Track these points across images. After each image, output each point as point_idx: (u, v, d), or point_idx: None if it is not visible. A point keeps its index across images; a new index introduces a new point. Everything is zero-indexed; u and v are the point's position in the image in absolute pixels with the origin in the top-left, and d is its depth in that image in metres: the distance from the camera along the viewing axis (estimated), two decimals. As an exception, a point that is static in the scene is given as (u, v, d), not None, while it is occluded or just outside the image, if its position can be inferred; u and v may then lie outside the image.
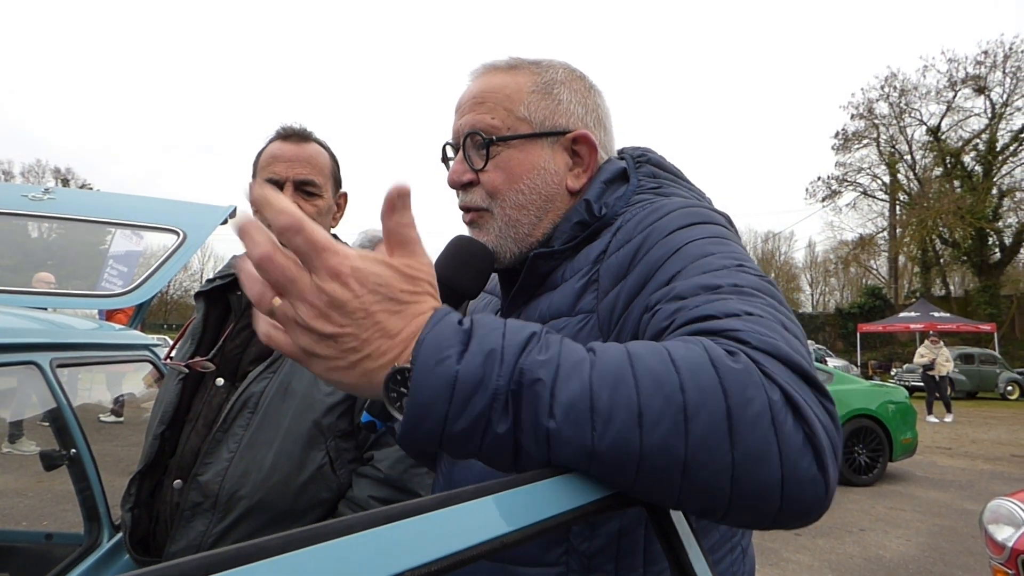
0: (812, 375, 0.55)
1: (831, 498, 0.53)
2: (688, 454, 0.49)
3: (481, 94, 0.93)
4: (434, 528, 0.38)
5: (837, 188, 33.59)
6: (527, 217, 0.92)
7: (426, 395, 0.50)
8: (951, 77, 29.44)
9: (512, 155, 0.91)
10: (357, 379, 0.53)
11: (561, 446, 0.50)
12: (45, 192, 2.73)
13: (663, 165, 1.00)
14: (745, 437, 0.49)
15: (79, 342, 1.73)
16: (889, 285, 33.54)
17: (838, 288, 43.91)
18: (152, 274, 2.55)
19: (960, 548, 5.22)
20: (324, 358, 0.52)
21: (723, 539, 0.84)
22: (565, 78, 0.96)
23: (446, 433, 0.50)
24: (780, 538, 5.48)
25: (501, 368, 0.51)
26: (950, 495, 7.06)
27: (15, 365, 1.47)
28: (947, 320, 22.38)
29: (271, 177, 1.47)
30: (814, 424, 0.51)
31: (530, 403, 0.50)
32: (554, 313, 0.86)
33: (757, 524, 0.54)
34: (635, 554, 0.76)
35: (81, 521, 1.82)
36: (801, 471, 0.50)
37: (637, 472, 0.50)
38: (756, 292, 0.65)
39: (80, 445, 1.68)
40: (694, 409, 0.49)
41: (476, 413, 0.50)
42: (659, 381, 0.51)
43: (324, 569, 0.32)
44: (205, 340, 1.53)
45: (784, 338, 0.57)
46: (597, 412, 0.50)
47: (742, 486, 0.49)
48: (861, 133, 32.59)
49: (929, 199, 29.51)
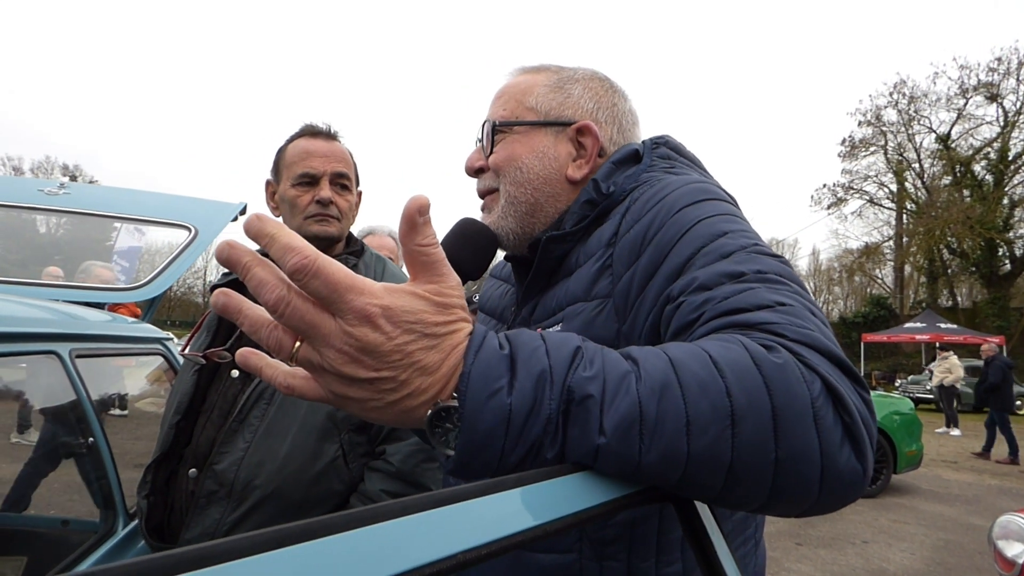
0: (848, 364, 0.56)
1: (866, 485, 0.54)
2: (734, 457, 0.49)
3: (503, 90, 1.01)
4: (467, 518, 0.38)
5: (843, 196, 33.44)
6: (525, 195, 0.95)
7: (481, 432, 0.48)
8: (963, 84, 29.21)
9: (516, 139, 0.97)
10: (395, 416, 0.50)
11: (607, 460, 0.49)
12: (60, 187, 2.77)
13: (680, 150, 1.01)
14: (789, 435, 0.49)
15: (96, 333, 1.76)
16: (894, 295, 33.36)
17: (842, 297, 43.76)
18: (164, 269, 2.58)
19: (967, 564, 5.18)
20: (359, 400, 0.49)
21: (736, 531, 0.85)
22: (583, 78, 1.00)
23: (501, 464, 0.50)
24: (781, 548, 5.46)
25: (551, 391, 0.50)
26: (956, 509, 7.01)
27: (36, 354, 1.50)
28: (954, 332, 22.22)
29: (308, 171, 1.51)
30: (853, 414, 0.52)
31: (580, 421, 0.49)
32: (570, 299, 0.87)
33: (790, 513, 0.55)
34: (647, 544, 0.77)
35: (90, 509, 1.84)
36: (840, 463, 0.51)
37: (681, 477, 0.50)
38: (780, 279, 0.66)
39: (97, 434, 1.70)
40: (741, 414, 0.49)
41: (531, 442, 0.49)
42: (705, 387, 0.50)
43: (347, 556, 0.32)
44: (221, 332, 1.55)
45: (818, 328, 0.58)
46: (646, 425, 0.49)
47: (782, 481, 0.50)
48: (868, 140, 32.43)
49: (937, 208, 29.30)
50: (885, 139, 32.11)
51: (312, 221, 1.52)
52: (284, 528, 0.30)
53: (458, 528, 0.37)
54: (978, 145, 29.71)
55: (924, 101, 30.61)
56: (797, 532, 5.90)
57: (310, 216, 1.52)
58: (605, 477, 0.50)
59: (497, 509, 0.40)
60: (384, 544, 0.33)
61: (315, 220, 1.52)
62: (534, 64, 1.03)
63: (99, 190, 3.66)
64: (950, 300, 31.81)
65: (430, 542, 0.35)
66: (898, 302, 32.55)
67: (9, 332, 1.37)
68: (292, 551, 0.30)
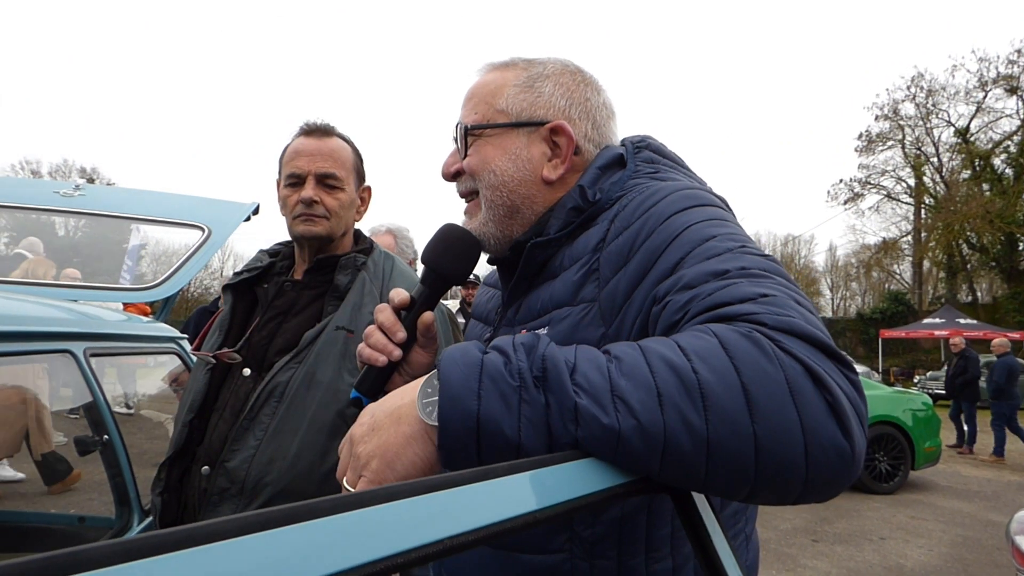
0: (832, 348, 0.56)
1: (858, 466, 0.53)
2: (710, 431, 0.50)
3: (472, 91, 0.99)
4: (459, 503, 0.39)
5: (860, 191, 33.06)
6: (501, 199, 0.95)
7: (457, 377, 0.55)
8: (981, 77, 28.76)
9: (488, 142, 0.96)
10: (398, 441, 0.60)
11: (589, 425, 0.52)
12: (76, 189, 2.81)
13: (662, 151, 1.01)
14: (765, 409, 0.50)
15: (111, 332, 1.78)
16: (913, 290, 32.91)
17: (859, 293, 43.21)
18: (178, 269, 2.61)
19: (986, 560, 5.11)
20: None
21: (726, 526, 0.84)
22: (553, 72, 0.98)
23: (482, 414, 0.53)
24: (797, 544, 5.42)
25: (524, 353, 0.56)
26: (975, 505, 6.92)
27: (51, 353, 1.52)
28: (974, 327, 21.85)
29: (294, 171, 1.52)
30: (836, 392, 0.52)
31: (555, 386, 0.53)
32: (556, 303, 0.87)
33: (783, 499, 0.54)
34: (636, 540, 0.78)
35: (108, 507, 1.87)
36: (825, 438, 0.51)
37: (664, 454, 0.51)
38: (765, 273, 0.66)
39: (112, 432, 1.73)
40: (709, 387, 0.51)
41: (506, 394, 0.54)
42: (672, 365, 0.53)
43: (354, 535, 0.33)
44: (233, 331, 1.56)
45: (800, 314, 0.58)
46: (617, 391, 0.53)
47: (767, 459, 0.50)
48: (885, 135, 32.01)
49: (956, 202, 28.85)
50: (903, 133, 31.68)
51: (298, 221, 1.53)
52: (266, 512, 0.31)
53: (444, 514, 0.37)
54: (998, 139, 29.23)
55: (942, 94, 30.17)
56: (814, 529, 5.86)
57: (296, 216, 1.53)
58: (596, 464, 0.51)
59: (486, 496, 0.41)
60: (367, 529, 0.33)
61: (300, 220, 1.52)
62: (503, 60, 1.01)
63: (114, 191, 3.71)
64: (969, 295, 31.31)
65: (414, 527, 0.35)
66: (917, 298, 32.10)
67: (23, 331, 1.39)
68: (273, 535, 0.31)
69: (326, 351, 1.40)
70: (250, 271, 1.63)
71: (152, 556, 0.27)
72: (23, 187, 3.33)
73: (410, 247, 3.13)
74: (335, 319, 1.46)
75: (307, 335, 1.43)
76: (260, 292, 1.61)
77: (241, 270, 1.67)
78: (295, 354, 1.41)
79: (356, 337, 1.44)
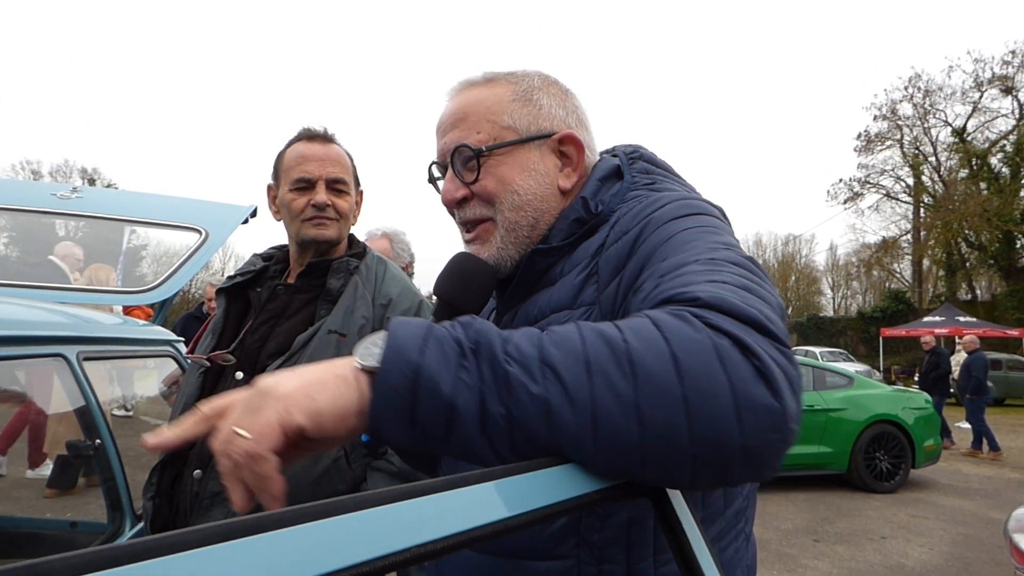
0: (766, 326, 0.56)
1: (792, 429, 0.53)
2: (639, 397, 0.51)
3: (462, 110, 0.94)
4: (423, 512, 0.39)
5: (859, 190, 33.06)
6: (525, 219, 0.93)
7: (405, 333, 0.55)
8: (977, 77, 28.83)
9: (502, 161, 0.92)
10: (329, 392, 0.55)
11: (519, 394, 0.52)
12: (73, 191, 2.80)
13: (655, 161, 1.02)
14: (693, 371, 0.51)
15: (105, 336, 1.78)
16: (913, 289, 32.91)
17: (860, 292, 43.21)
18: (175, 272, 2.60)
19: (986, 558, 5.11)
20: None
21: (728, 527, 0.85)
22: (541, 84, 0.97)
23: (423, 366, 0.53)
24: (798, 544, 5.41)
25: (458, 327, 0.57)
26: (975, 503, 6.92)
27: (43, 357, 1.52)
28: (973, 325, 21.83)
29: (303, 175, 1.52)
30: (763, 358, 0.52)
31: (489, 352, 0.54)
32: (555, 307, 0.87)
33: (726, 472, 0.53)
34: (645, 544, 0.77)
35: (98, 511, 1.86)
36: (755, 399, 0.51)
37: (595, 426, 0.51)
38: (727, 263, 0.67)
39: (104, 436, 1.72)
40: (638, 353, 0.52)
41: (449, 350, 0.54)
42: (604, 335, 0.55)
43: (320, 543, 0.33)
44: (226, 335, 1.56)
45: (740, 296, 0.59)
46: (546, 358, 0.53)
47: (699, 424, 0.50)
48: (884, 134, 32.04)
49: (954, 201, 28.88)
50: (901, 133, 31.71)
51: (309, 224, 1.53)
52: (233, 522, 0.30)
53: (414, 522, 0.37)
54: (994, 138, 29.28)
55: (939, 95, 30.21)
56: (815, 529, 5.85)
57: (307, 219, 1.53)
58: (575, 471, 0.50)
59: (454, 504, 0.40)
60: (331, 539, 0.33)
61: (312, 224, 1.53)
62: (478, 77, 0.98)
63: (111, 194, 3.71)
64: (969, 293, 31.31)
65: (385, 535, 0.35)
66: (917, 296, 32.11)
67: (14, 336, 1.39)
68: (230, 547, 0.30)
69: (318, 355, 1.40)
70: (243, 275, 1.63)
71: (110, 568, 0.26)
72: (20, 189, 3.32)
73: (406, 251, 3.12)
74: (327, 323, 1.46)
75: (299, 339, 1.43)
76: (253, 296, 1.60)
77: (234, 274, 1.67)
78: (287, 357, 1.41)
79: (348, 341, 1.43)
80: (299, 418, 0.52)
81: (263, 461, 0.51)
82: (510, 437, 0.53)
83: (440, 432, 0.54)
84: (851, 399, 7.58)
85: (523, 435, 0.53)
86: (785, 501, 6.84)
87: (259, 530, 0.31)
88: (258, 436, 0.51)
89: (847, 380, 7.87)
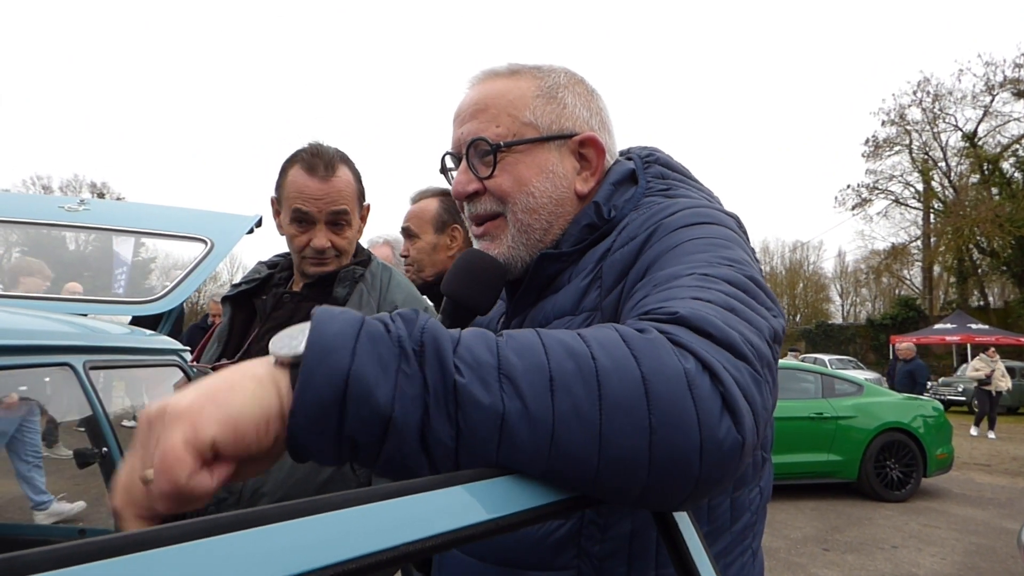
0: (740, 349, 0.54)
1: (745, 462, 0.52)
2: (604, 420, 0.47)
3: (483, 101, 0.91)
4: (374, 519, 0.38)
5: (868, 196, 32.87)
6: (539, 222, 0.90)
7: (331, 329, 0.46)
8: (988, 81, 28.63)
9: (520, 159, 0.89)
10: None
11: (469, 407, 0.46)
12: (80, 203, 2.84)
13: (671, 165, 0.99)
14: (661, 400, 0.48)
15: (111, 345, 1.79)
16: (923, 296, 32.61)
17: (869, 299, 42.94)
18: (180, 282, 2.63)
19: (999, 568, 5.03)
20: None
21: (735, 542, 0.83)
22: (568, 82, 0.94)
23: (353, 373, 0.45)
24: (808, 553, 5.35)
25: (399, 323, 0.49)
26: (988, 513, 6.81)
27: (50, 366, 1.53)
28: (985, 332, 21.65)
29: (302, 208, 1.48)
30: (729, 385, 0.51)
31: (436, 357, 0.47)
32: (558, 313, 0.85)
33: (670, 498, 0.51)
34: (647, 556, 0.75)
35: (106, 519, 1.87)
36: (720, 434, 0.49)
37: (552, 446, 0.47)
38: (721, 280, 0.64)
39: (111, 445, 1.73)
40: (606, 374, 0.48)
41: (387, 352, 0.47)
42: (569, 350, 0.50)
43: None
44: (231, 343, 1.57)
45: (721, 316, 0.57)
46: (504, 369, 0.48)
47: (661, 452, 0.48)
48: (892, 140, 31.86)
49: (965, 207, 28.64)
50: (910, 138, 31.53)
51: (308, 263, 1.55)
52: (183, 524, 0.31)
53: (362, 530, 0.37)
54: (1006, 142, 29.06)
55: (949, 99, 30.02)
56: (824, 538, 5.79)
57: (306, 258, 1.54)
58: (529, 480, 0.48)
59: (406, 512, 0.39)
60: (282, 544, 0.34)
61: (311, 263, 1.55)
62: (502, 67, 0.94)
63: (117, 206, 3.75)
64: (981, 300, 30.99)
65: (327, 545, 0.35)
66: (927, 303, 31.81)
67: (21, 345, 1.41)
68: (188, 547, 0.31)
69: None
70: (248, 283, 1.65)
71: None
72: (27, 202, 3.37)
73: (409, 258, 3.13)
74: None
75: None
76: (258, 304, 1.62)
77: (239, 282, 1.68)
78: (292, 366, 1.41)
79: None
80: (209, 430, 0.43)
81: (186, 494, 0.41)
82: (455, 455, 0.47)
83: (372, 448, 0.46)
84: (861, 407, 7.50)
85: (471, 452, 0.47)
86: (794, 510, 6.77)
87: (230, 528, 0.32)
88: (162, 469, 0.41)
89: (857, 387, 7.80)
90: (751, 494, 0.86)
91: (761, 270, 0.78)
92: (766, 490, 0.90)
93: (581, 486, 0.49)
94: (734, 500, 0.82)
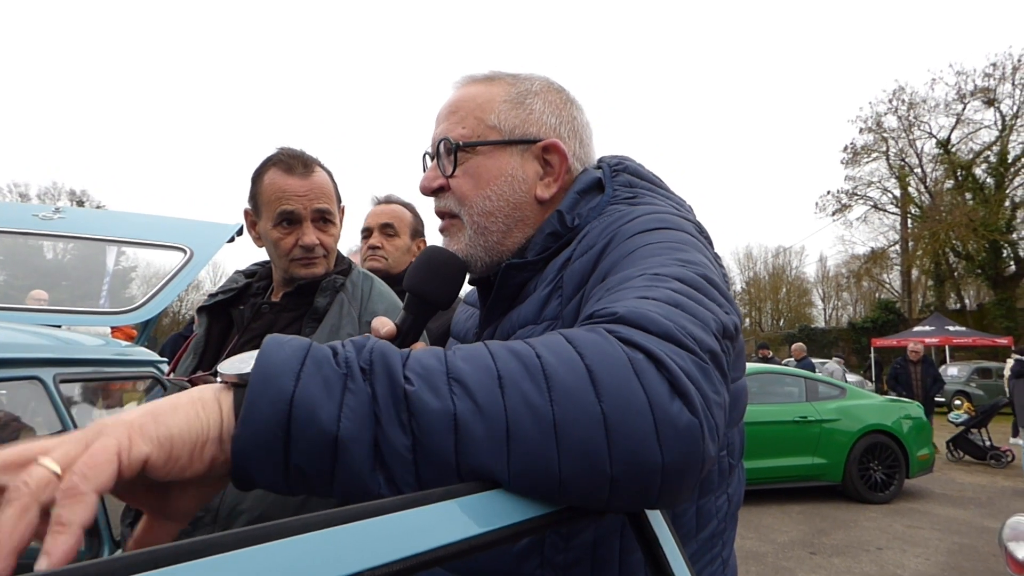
0: (680, 339, 0.54)
1: (710, 450, 0.51)
2: (556, 412, 0.47)
3: (456, 103, 0.94)
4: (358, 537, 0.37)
5: (847, 202, 33.34)
6: (495, 225, 0.92)
7: (278, 357, 0.47)
8: (960, 90, 29.27)
9: (480, 162, 0.92)
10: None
11: (423, 412, 0.47)
12: (55, 212, 2.78)
13: (640, 173, 0.99)
14: (609, 388, 0.48)
15: (84, 358, 1.75)
16: (902, 299, 33.12)
17: (851, 303, 43.45)
18: (158, 292, 2.58)
19: (982, 567, 5.09)
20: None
21: (701, 550, 0.83)
22: (540, 89, 0.96)
23: (297, 396, 0.45)
24: (795, 557, 5.37)
25: (349, 346, 0.51)
26: (970, 513, 6.90)
27: (18, 380, 1.48)
28: (962, 334, 22.00)
29: (287, 209, 1.46)
30: (676, 372, 0.51)
31: (384, 372, 0.48)
32: (522, 322, 0.86)
33: (641, 493, 0.50)
34: (611, 565, 0.75)
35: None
36: (673, 416, 0.49)
37: (509, 441, 0.47)
38: (671, 279, 0.65)
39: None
40: (552, 368, 0.49)
41: (331, 374, 0.47)
42: (514, 351, 0.52)
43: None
44: (208, 355, 1.53)
45: (663, 310, 0.57)
46: (452, 374, 0.49)
47: (619, 439, 0.47)
48: (870, 147, 32.41)
49: (941, 212, 29.21)
50: (886, 145, 32.08)
51: (298, 264, 1.51)
52: (158, 549, 0.29)
53: (349, 548, 0.36)
54: (978, 149, 29.70)
55: (923, 107, 30.61)
56: (811, 541, 5.82)
57: (295, 259, 1.50)
58: (502, 496, 0.47)
59: (373, 534, 0.38)
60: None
61: (301, 264, 1.51)
62: (483, 73, 0.97)
63: (94, 214, 3.68)
64: (958, 303, 31.55)
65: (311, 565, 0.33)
66: (906, 306, 32.30)
67: (-15, 358, 1.36)
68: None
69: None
70: (225, 292, 1.61)
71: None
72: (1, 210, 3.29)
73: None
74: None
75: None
76: (236, 314, 1.57)
77: (215, 291, 1.64)
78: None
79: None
80: (144, 445, 0.42)
81: (79, 501, 0.38)
82: (414, 467, 0.47)
83: (324, 473, 0.46)
84: (844, 410, 7.58)
85: (430, 461, 0.47)
86: (780, 513, 6.81)
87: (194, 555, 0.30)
88: (86, 465, 0.39)
89: (839, 391, 7.89)
90: (718, 501, 0.86)
91: (724, 274, 0.78)
92: (735, 497, 0.90)
93: (549, 488, 0.49)
94: (700, 507, 0.82)
